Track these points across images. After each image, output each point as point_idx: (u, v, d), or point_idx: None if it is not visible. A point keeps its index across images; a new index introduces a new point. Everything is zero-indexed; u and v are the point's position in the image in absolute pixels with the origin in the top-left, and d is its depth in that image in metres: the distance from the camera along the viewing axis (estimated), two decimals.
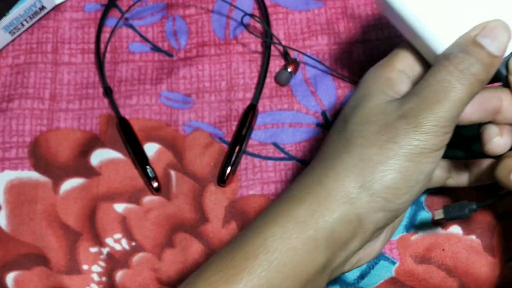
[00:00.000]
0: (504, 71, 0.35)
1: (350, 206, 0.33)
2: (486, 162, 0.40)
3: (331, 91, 0.49)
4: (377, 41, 0.50)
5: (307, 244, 0.33)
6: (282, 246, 0.32)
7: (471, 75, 0.33)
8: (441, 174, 0.40)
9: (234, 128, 0.48)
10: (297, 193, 0.34)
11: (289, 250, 0.32)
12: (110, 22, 0.51)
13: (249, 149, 0.47)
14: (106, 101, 0.49)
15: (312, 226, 0.33)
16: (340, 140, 0.35)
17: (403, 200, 0.34)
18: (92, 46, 0.51)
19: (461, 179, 0.41)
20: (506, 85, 0.35)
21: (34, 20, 0.50)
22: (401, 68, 0.37)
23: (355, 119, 0.35)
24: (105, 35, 0.51)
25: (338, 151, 0.35)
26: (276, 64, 0.50)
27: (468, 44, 0.33)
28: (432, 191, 0.45)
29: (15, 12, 0.48)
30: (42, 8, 0.50)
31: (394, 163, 0.33)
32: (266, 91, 0.49)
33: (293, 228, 0.33)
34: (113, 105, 0.48)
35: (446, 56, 0.33)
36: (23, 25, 0.50)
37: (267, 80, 0.49)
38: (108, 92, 0.49)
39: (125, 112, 0.49)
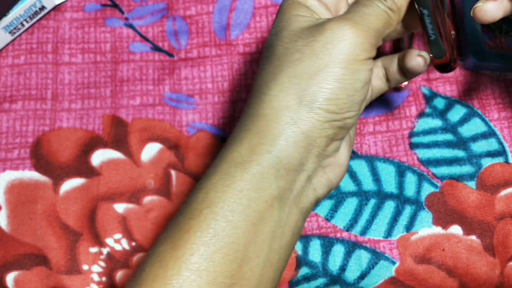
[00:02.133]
0: None
1: (293, 126, 0.33)
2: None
3: None
4: None
5: (252, 182, 0.32)
6: (226, 193, 0.32)
7: (384, 7, 0.35)
8: (379, 83, 0.40)
9: None
10: (235, 135, 0.34)
11: (234, 195, 0.32)
12: (110, 22, 0.51)
13: None
14: (109, 101, 0.49)
15: (255, 161, 0.32)
16: (271, 63, 0.34)
17: (345, 110, 0.33)
18: (92, 46, 0.51)
19: (398, 82, 0.41)
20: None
21: (34, 20, 0.50)
22: None
23: (285, 38, 0.34)
24: (105, 35, 0.51)
25: (271, 75, 0.34)
26: None
27: None
28: (432, 191, 0.46)
29: (15, 12, 0.48)
30: (42, 8, 0.50)
31: (330, 71, 0.33)
32: None
33: (235, 172, 0.32)
34: None
35: None
36: (23, 25, 0.50)
37: None
38: None
39: (129, 112, 0.49)
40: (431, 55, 0.38)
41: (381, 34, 0.35)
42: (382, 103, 0.48)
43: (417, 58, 0.37)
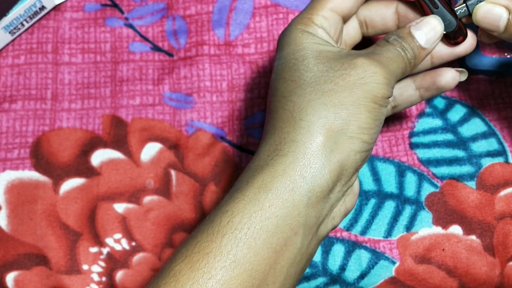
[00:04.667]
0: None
1: (330, 155, 0.33)
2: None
3: None
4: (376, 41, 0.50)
5: (282, 209, 0.32)
6: (252, 220, 0.31)
7: (405, 55, 0.36)
8: (412, 94, 0.41)
9: (236, 128, 0.48)
10: (267, 159, 0.33)
11: (261, 222, 0.31)
12: (110, 22, 0.51)
13: (250, 148, 0.48)
14: (108, 100, 0.49)
15: (289, 188, 0.32)
16: (303, 88, 0.34)
17: (374, 139, 0.35)
18: (92, 46, 0.51)
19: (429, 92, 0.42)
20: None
21: (34, 20, 0.50)
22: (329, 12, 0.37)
23: (314, 67, 0.35)
24: (105, 35, 0.51)
25: (306, 101, 0.34)
26: None
27: (404, 33, 0.37)
28: (432, 191, 0.46)
29: (15, 12, 0.48)
30: (42, 8, 0.50)
31: (363, 104, 0.34)
32: (267, 90, 0.49)
33: (265, 198, 0.32)
34: None
35: (387, 39, 0.37)
36: (23, 25, 0.50)
37: (268, 80, 0.49)
38: None
39: (128, 112, 0.49)
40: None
41: (398, 78, 0.36)
42: None
43: (452, 74, 0.39)
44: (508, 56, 0.47)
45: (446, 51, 0.39)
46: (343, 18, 0.38)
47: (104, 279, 0.45)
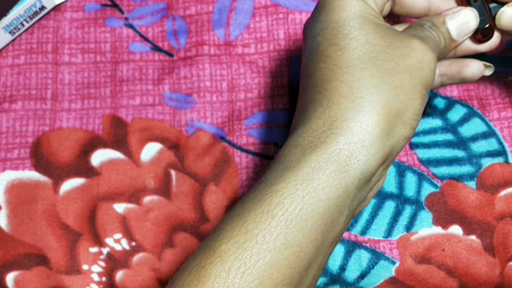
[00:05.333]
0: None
1: (386, 139, 0.32)
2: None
3: None
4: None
5: (335, 192, 0.31)
6: (305, 201, 0.30)
7: (440, 45, 0.36)
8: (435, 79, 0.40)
9: (236, 128, 0.48)
10: (319, 134, 0.31)
11: (313, 204, 0.30)
12: (110, 22, 0.51)
13: (250, 148, 0.48)
14: (108, 100, 0.49)
15: (342, 170, 0.31)
16: (364, 67, 0.32)
17: (416, 128, 0.34)
18: (92, 46, 0.51)
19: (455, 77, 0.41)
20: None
21: (34, 20, 0.50)
22: None
23: (371, 40, 0.32)
24: (105, 35, 0.51)
25: (365, 78, 0.32)
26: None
27: (438, 21, 0.36)
28: (432, 191, 0.46)
29: (15, 12, 0.48)
30: (42, 8, 0.50)
31: (419, 90, 0.33)
32: (267, 90, 0.49)
33: (318, 179, 0.30)
34: None
35: (422, 25, 0.36)
36: (23, 25, 0.50)
37: (268, 80, 0.49)
38: None
39: (128, 112, 0.49)
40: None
41: None
42: None
43: (481, 65, 0.38)
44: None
45: (471, 46, 0.38)
46: None
47: (104, 279, 0.45)
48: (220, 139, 0.48)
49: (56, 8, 0.51)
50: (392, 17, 0.48)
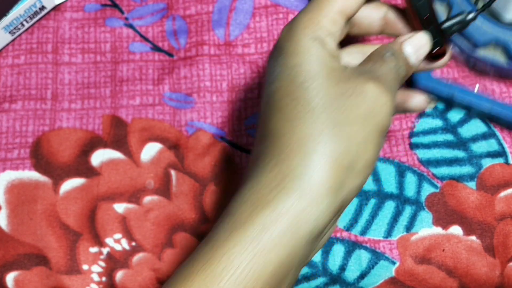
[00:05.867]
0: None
1: (337, 193, 0.31)
2: None
3: None
4: (375, 41, 0.50)
5: (284, 251, 0.30)
6: (254, 262, 0.29)
7: (399, 75, 0.34)
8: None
9: (236, 128, 0.48)
10: (268, 191, 0.31)
11: (263, 264, 0.29)
12: (110, 22, 0.51)
13: (250, 148, 0.48)
14: (108, 100, 0.49)
15: (292, 230, 0.30)
16: (311, 115, 0.31)
17: (373, 171, 0.34)
18: (92, 46, 0.51)
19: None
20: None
21: (34, 20, 0.50)
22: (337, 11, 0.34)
23: (323, 90, 0.32)
24: (105, 35, 0.51)
25: (317, 131, 0.31)
26: None
27: (397, 47, 0.34)
28: (432, 191, 0.46)
29: (15, 12, 0.48)
30: (42, 8, 0.50)
31: (372, 139, 0.32)
32: None
33: (267, 240, 0.29)
34: None
35: (382, 55, 0.34)
36: (23, 25, 0.50)
37: None
38: None
39: (128, 112, 0.49)
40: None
41: None
42: None
43: (423, 99, 0.38)
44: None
45: (425, 66, 0.37)
46: (347, 19, 0.35)
47: (104, 279, 0.45)
48: (220, 139, 0.48)
49: (56, 8, 0.51)
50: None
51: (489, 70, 0.46)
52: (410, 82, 0.47)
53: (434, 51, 0.35)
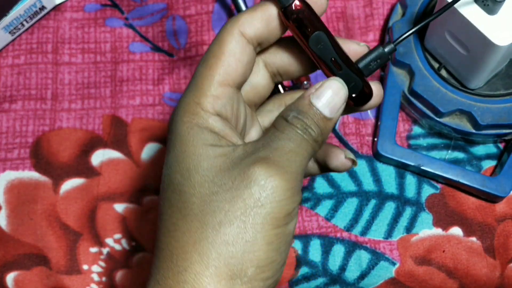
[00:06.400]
0: None
1: None
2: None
3: None
4: (374, 42, 0.50)
5: None
6: None
7: (310, 137, 0.30)
8: (311, 166, 0.36)
9: None
10: None
11: None
12: (110, 22, 0.51)
13: None
14: (108, 100, 0.49)
15: None
16: (188, 222, 0.28)
17: (279, 268, 0.28)
18: (92, 46, 0.51)
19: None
20: None
21: (34, 20, 0.50)
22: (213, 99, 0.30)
23: (200, 187, 0.28)
24: (105, 35, 0.51)
25: (191, 242, 0.28)
26: None
27: (304, 105, 0.30)
28: (432, 192, 0.45)
29: (15, 12, 0.48)
30: (42, 8, 0.50)
31: (262, 236, 0.27)
32: None
33: None
34: None
35: (286, 117, 0.30)
36: (23, 25, 0.50)
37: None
38: None
39: (128, 112, 0.49)
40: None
41: (305, 168, 0.30)
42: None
43: (343, 159, 0.34)
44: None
45: (347, 110, 0.32)
46: (238, 86, 0.31)
47: (104, 279, 0.45)
48: None
49: (56, 8, 0.51)
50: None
51: (454, 135, 0.46)
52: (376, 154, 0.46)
53: (357, 95, 0.31)
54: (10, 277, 0.45)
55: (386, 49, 0.31)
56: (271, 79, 0.33)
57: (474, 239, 0.44)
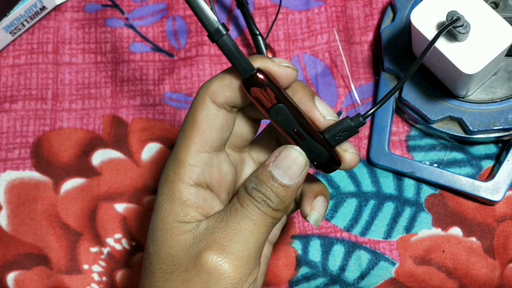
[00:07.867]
0: None
1: None
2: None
3: (332, 89, 0.48)
4: (374, 41, 0.50)
5: None
6: None
7: (269, 208, 0.30)
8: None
9: None
10: None
11: None
12: (111, 22, 0.51)
13: None
14: (109, 101, 0.49)
15: None
16: None
17: None
18: (93, 46, 0.51)
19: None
20: None
21: (35, 20, 0.50)
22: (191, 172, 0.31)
23: (163, 263, 0.30)
24: (105, 35, 0.51)
25: None
26: None
27: (263, 175, 0.30)
28: (432, 193, 0.45)
29: (16, 12, 0.48)
30: (43, 8, 0.50)
31: None
32: None
33: None
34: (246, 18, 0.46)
35: (246, 188, 0.31)
36: (23, 25, 0.50)
37: None
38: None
39: (129, 112, 0.49)
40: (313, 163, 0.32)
41: (266, 238, 0.30)
42: None
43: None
44: None
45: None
46: (217, 149, 0.31)
47: (104, 278, 0.45)
48: None
49: (57, 8, 0.51)
50: None
51: (447, 139, 0.46)
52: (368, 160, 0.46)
53: (324, 162, 0.31)
54: (10, 277, 0.45)
55: (353, 123, 0.30)
56: (254, 123, 0.33)
57: (473, 239, 0.44)
